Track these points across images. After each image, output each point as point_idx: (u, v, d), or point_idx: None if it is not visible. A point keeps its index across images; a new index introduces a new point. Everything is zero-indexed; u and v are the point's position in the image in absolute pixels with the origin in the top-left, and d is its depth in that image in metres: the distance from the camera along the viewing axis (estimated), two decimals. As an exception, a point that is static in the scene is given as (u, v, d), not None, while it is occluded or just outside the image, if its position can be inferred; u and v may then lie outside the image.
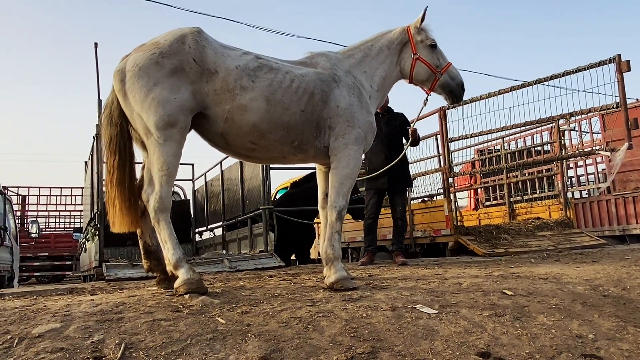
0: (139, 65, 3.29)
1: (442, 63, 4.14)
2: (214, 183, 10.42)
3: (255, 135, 3.47)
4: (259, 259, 6.26)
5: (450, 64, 4.18)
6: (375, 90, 4.00)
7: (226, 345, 2.25)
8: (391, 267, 5.10)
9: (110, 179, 3.42)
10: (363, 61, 3.99)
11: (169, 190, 3.38)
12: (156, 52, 3.31)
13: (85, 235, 9.48)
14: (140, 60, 3.30)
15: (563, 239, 7.21)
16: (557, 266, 4.51)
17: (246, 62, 3.48)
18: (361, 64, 3.98)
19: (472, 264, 5.21)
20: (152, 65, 3.28)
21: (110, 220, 3.47)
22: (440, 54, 4.18)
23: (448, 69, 4.15)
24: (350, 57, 3.99)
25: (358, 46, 4.09)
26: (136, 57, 3.34)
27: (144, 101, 3.25)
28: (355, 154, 3.68)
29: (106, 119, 3.48)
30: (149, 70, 3.27)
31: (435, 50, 4.15)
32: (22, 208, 19.82)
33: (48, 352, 2.18)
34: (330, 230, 3.63)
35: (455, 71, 4.20)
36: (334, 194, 3.63)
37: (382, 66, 4.03)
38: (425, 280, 3.78)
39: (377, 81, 4.01)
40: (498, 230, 7.19)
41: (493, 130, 7.02)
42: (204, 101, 3.38)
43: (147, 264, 3.63)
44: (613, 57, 5.71)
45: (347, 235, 9.44)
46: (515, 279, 3.73)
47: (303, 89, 3.55)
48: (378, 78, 4.02)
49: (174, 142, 3.30)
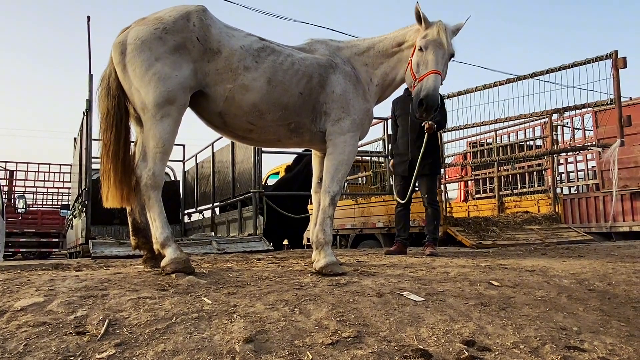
0: (142, 38, 3.25)
1: (421, 70, 3.57)
2: (205, 165, 10.36)
3: (254, 116, 3.48)
4: (247, 242, 6.25)
5: (431, 72, 3.49)
6: (374, 84, 3.92)
7: (211, 325, 2.24)
8: (379, 255, 5.11)
9: (106, 151, 3.37)
10: (366, 53, 3.91)
11: (163, 167, 3.37)
12: (160, 27, 3.27)
13: (72, 212, 9.39)
14: (142, 34, 3.26)
15: (550, 233, 7.27)
16: (544, 259, 4.54)
17: (250, 43, 3.49)
18: (364, 55, 3.91)
19: (460, 254, 5.23)
20: (155, 40, 3.24)
21: (104, 195, 3.42)
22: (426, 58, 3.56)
23: (426, 77, 3.50)
24: (354, 47, 3.94)
25: (366, 39, 4.03)
26: (138, 30, 3.29)
27: (144, 75, 3.22)
28: (350, 140, 3.71)
29: (103, 91, 3.42)
30: (151, 44, 3.23)
31: (422, 53, 3.59)
32: (10, 183, 19.61)
33: (30, 325, 2.15)
34: (322, 215, 3.64)
35: (426, 83, 3.47)
36: (329, 179, 3.65)
37: (387, 61, 3.89)
38: (413, 268, 3.79)
39: (379, 75, 3.91)
40: (487, 223, 7.22)
41: (486, 122, 7.03)
42: (204, 80, 3.37)
43: (135, 241, 3.60)
44: (610, 53, 5.71)
45: (337, 223, 9.45)
46: (502, 270, 3.75)
47: (302, 72, 3.57)
48: (380, 72, 3.90)
49: (171, 120, 3.28)
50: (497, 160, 8.71)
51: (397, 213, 5.65)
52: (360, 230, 8.81)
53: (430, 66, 3.52)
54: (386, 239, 8.03)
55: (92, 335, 2.08)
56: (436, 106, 3.44)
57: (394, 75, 3.91)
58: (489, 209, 9.97)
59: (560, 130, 10.52)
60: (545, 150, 8.26)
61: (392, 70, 3.90)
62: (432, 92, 3.43)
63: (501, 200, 9.82)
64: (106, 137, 3.39)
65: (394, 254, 5.25)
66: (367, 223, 8.57)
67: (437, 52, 3.55)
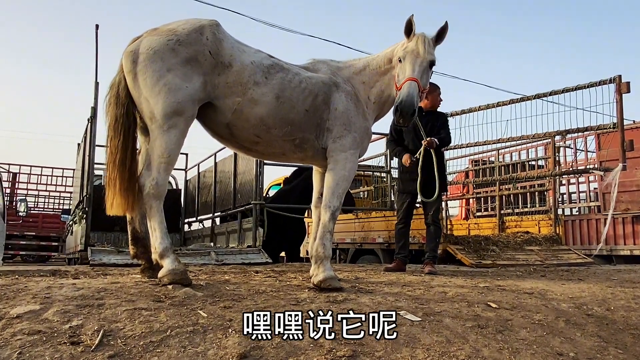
0: (155, 49, 3.29)
1: (400, 80, 3.66)
2: (207, 174, 10.37)
3: (261, 129, 3.55)
4: (246, 254, 6.24)
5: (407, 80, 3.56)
6: (372, 102, 4.00)
7: (206, 340, 2.23)
8: (378, 272, 5.09)
9: (113, 159, 3.39)
10: (363, 71, 4.00)
11: (166, 178, 3.39)
12: (173, 39, 3.32)
13: (72, 217, 9.40)
14: (156, 44, 3.30)
15: (551, 254, 7.24)
16: (543, 282, 4.52)
17: (260, 59, 3.58)
18: (360, 74, 4.00)
19: (458, 273, 5.20)
20: (168, 51, 3.29)
21: (108, 202, 3.42)
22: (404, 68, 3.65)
23: (402, 85, 3.58)
24: (351, 67, 4.03)
25: (361, 58, 4.12)
26: (151, 41, 3.33)
27: (155, 85, 3.25)
28: (351, 157, 3.78)
29: (112, 98, 3.45)
30: (163, 55, 3.28)
31: (401, 64, 3.69)
32: (12, 185, 19.62)
33: (25, 333, 2.15)
34: (322, 229, 3.66)
35: (402, 91, 3.55)
36: (330, 194, 3.69)
37: (382, 79, 3.96)
38: (411, 287, 3.77)
39: (375, 93, 3.99)
40: (487, 242, 7.20)
41: (489, 141, 7.04)
42: (214, 92, 3.43)
43: (134, 250, 3.61)
44: (613, 78, 5.74)
45: (337, 236, 9.43)
46: (501, 291, 3.73)
47: (309, 90, 3.66)
48: (376, 90, 3.98)
49: (178, 131, 3.31)
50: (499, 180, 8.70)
51: (397, 230, 5.63)
52: (360, 245, 8.78)
53: (407, 74, 3.61)
54: (386, 255, 8.00)
55: (86, 346, 2.08)
56: (411, 111, 3.49)
57: (389, 92, 3.96)
58: (489, 227, 9.95)
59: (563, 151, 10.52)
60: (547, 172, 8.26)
61: (386, 87, 3.95)
62: (405, 98, 3.49)
63: (502, 220, 9.81)
64: (113, 145, 3.41)
65: (393, 271, 5.22)
66: (367, 238, 8.55)
67: (413, 60, 3.64)
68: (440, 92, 5.64)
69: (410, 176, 5.52)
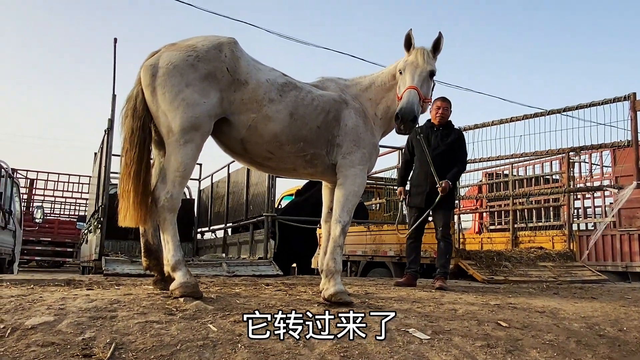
0: (174, 63, 3.36)
1: (401, 90, 3.74)
2: (220, 185, 10.45)
3: (274, 145, 3.63)
4: (257, 266, 6.26)
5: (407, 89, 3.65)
6: (378, 118, 4.08)
7: (215, 354, 2.26)
8: (388, 287, 5.08)
9: (128, 171, 3.43)
10: (369, 89, 4.08)
11: (181, 191, 3.46)
12: (192, 55, 3.39)
13: (88, 226, 9.53)
14: (175, 60, 3.37)
15: (564, 271, 7.15)
16: (555, 300, 4.48)
17: (275, 78, 3.67)
18: (367, 91, 4.08)
19: (469, 289, 5.17)
20: (188, 66, 3.36)
21: (122, 214, 3.46)
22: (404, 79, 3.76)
23: (403, 94, 3.67)
24: (358, 84, 4.12)
25: (367, 75, 4.20)
26: (171, 56, 3.40)
27: (174, 100, 3.32)
28: (360, 172, 3.85)
29: (129, 111, 3.50)
30: (183, 70, 3.35)
31: (401, 76, 3.81)
32: (30, 191, 19.97)
33: (39, 345, 2.20)
34: (332, 244, 3.71)
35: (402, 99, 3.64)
36: (339, 209, 3.74)
37: (387, 95, 4.03)
38: (421, 303, 3.76)
39: (381, 109, 4.06)
40: (499, 257, 7.13)
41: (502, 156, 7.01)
42: (229, 108, 3.51)
43: (146, 262, 3.66)
44: (628, 95, 5.70)
45: (348, 249, 9.42)
46: (512, 310, 3.71)
47: (321, 108, 3.75)
48: (382, 106, 4.06)
49: (194, 145, 3.38)
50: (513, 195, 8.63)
51: (408, 245, 5.62)
52: (371, 257, 8.76)
53: (407, 83, 3.71)
54: (397, 268, 7.97)
55: (98, 359, 2.12)
56: (411, 117, 3.55)
57: (395, 107, 3.93)
58: (502, 242, 9.85)
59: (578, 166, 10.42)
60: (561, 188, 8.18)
61: (392, 103, 4.00)
62: (405, 105, 3.57)
63: (515, 234, 9.71)
64: (128, 157, 3.46)
65: (403, 285, 5.20)
66: (379, 251, 8.52)
67: (413, 71, 3.76)
68: (450, 105, 5.56)
69: (417, 190, 5.54)
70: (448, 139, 5.46)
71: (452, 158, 5.42)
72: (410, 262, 5.51)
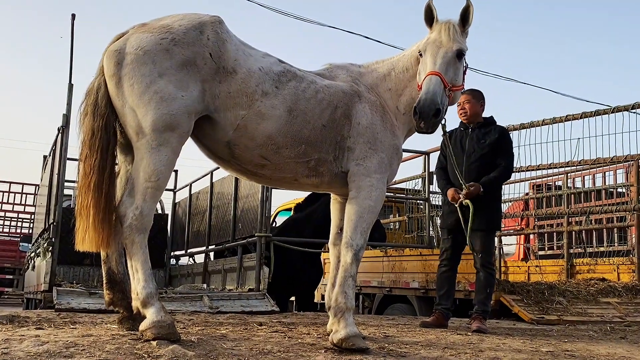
0: (145, 48, 3.36)
1: (421, 77, 3.76)
2: (201, 197, 10.48)
3: (269, 149, 3.60)
4: (247, 300, 6.27)
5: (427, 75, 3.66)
6: (401, 113, 4.04)
7: (198, 414, 2.25)
8: (412, 327, 5.07)
9: (87, 182, 3.43)
10: (388, 76, 4.06)
11: (153, 206, 3.46)
12: (167, 38, 3.39)
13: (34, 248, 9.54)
14: (146, 43, 3.37)
15: (633, 309, 7.12)
16: (623, 346, 4.46)
17: (269, 65, 3.65)
18: (386, 80, 4.06)
19: (515, 332, 5.16)
20: (161, 52, 3.36)
21: (79, 236, 3.46)
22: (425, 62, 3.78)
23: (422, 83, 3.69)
24: (374, 72, 4.10)
25: (385, 59, 4.18)
26: (141, 39, 3.40)
27: (144, 93, 3.32)
28: (377, 183, 3.79)
29: (90, 107, 3.50)
30: (155, 57, 3.35)
31: (422, 58, 3.83)
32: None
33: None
34: (343, 274, 3.67)
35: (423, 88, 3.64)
36: (351, 230, 3.69)
37: (411, 84, 3.98)
38: (455, 350, 3.76)
39: (405, 102, 4.02)
40: (551, 291, 7.11)
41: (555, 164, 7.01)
42: (213, 103, 3.49)
43: (109, 296, 3.66)
44: None
45: (360, 278, 9.39)
46: (569, 358, 3.70)
47: (327, 102, 3.72)
48: (406, 98, 4.01)
49: (169, 149, 3.38)
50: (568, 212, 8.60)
51: (439, 274, 5.57)
52: (389, 290, 8.74)
53: (428, 68, 3.70)
54: (422, 304, 7.94)
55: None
56: (433, 111, 3.52)
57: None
58: (554, 272, 9.82)
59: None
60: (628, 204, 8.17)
61: (418, 93, 3.84)
62: (424, 96, 3.55)
63: (571, 262, 9.67)
64: (88, 165, 3.46)
65: (431, 326, 5.17)
66: (399, 281, 8.50)
67: (435, 52, 3.74)
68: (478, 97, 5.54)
69: (450, 207, 5.47)
70: (486, 141, 5.39)
71: (493, 164, 5.35)
72: (441, 297, 5.48)
